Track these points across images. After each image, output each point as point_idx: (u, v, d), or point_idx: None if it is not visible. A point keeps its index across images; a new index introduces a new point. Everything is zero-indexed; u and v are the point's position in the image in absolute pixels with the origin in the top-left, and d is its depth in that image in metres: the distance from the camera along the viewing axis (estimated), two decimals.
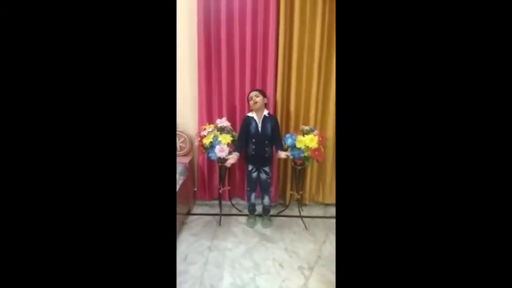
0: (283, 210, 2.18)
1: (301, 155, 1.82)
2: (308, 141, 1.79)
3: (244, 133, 1.86)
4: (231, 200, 2.23)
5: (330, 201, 2.25)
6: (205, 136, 1.85)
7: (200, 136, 1.89)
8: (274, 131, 1.85)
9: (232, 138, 1.87)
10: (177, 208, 1.75)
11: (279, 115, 2.04)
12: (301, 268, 1.57)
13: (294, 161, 1.93)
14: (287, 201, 2.21)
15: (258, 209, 2.07)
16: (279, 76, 1.98)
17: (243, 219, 2.06)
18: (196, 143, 1.97)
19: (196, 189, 2.25)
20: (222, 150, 1.79)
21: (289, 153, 1.82)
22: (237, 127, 1.98)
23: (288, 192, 2.19)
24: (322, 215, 2.16)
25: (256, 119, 1.84)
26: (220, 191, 2.05)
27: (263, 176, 1.93)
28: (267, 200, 1.99)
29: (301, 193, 2.10)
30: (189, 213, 2.12)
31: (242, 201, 2.27)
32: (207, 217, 2.09)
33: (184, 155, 2.14)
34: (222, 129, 1.88)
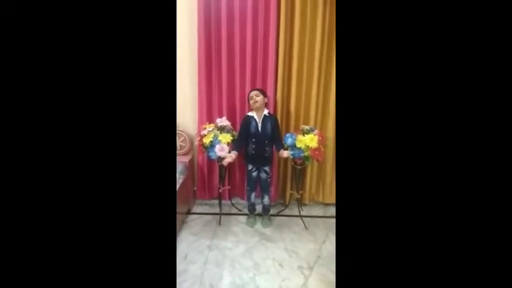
0: (283, 210, 2.18)
1: (301, 155, 1.82)
2: (308, 140, 1.79)
3: (244, 132, 1.86)
4: (231, 200, 2.23)
5: (330, 200, 2.26)
6: (205, 135, 1.85)
7: (200, 135, 1.89)
8: (274, 131, 1.85)
9: (233, 137, 1.87)
10: (177, 207, 1.75)
11: (279, 115, 2.04)
12: (300, 268, 1.58)
13: (294, 160, 1.93)
14: (287, 200, 2.21)
15: (258, 208, 2.07)
16: (279, 76, 1.98)
17: (243, 219, 2.06)
18: (196, 142, 1.97)
19: (196, 189, 2.25)
20: (222, 150, 1.79)
21: (290, 152, 1.81)
22: (237, 126, 1.98)
23: (288, 191, 2.19)
24: (322, 215, 2.16)
25: (256, 119, 1.84)
26: (220, 191, 2.05)
27: (263, 176, 1.93)
28: (266, 200, 1.99)
29: (301, 193, 2.10)
30: (189, 213, 2.12)
31: (242, 201, 2.27)
32: (207, 216, 2.09)
33: (184, 154, 2.14)
34: (222, 129, 1.88)
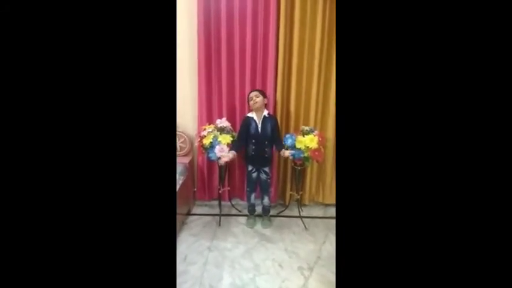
0: (283, 211, 2.18)
1: (301, 156, 1.82)
2: (308, 141, 1.79)
3: (244, 133, 1.86)
4: (231, 201, 2.23)
5: (330, 201, 2.26)
6: (205, 136, 1.85)
7: (200, 136, 1.89)
8: (274, 132, 1.85)
9: (232, 138, 1.87)
10: (177, 208, 1.75)
11: (279, 115, 2.04)
12: (300, 268, 1.57)
13: (293, 161, 1.93)
14: (287, 201, 2.21)
15: (258, 209, 2.07)
16: (279, 76, 1.98)
17: (243, 220, 2.06)
18: (196, 143, 1.97)
19: (195, 190, 2.25)
20: (222, 151, 1.79)
21: (292, 152, 1.80)
22: (237, 127, 1.98)
23: (288, 192, 2.19)
24: (322, 216, 2.16)
25: (256, 119, 1.84)
26: (220, 191, 2.05)
27: (263, 177, 1.93)
28: (266, 201, 1.99)
29: (301, 193, 2.10)
30: (188, 214, 2.12)
31: (242, 202, 2.27)
32: (207, 217, 2.09)
33: (184, 155, 2.14)
34: (222, 130, 1.89)
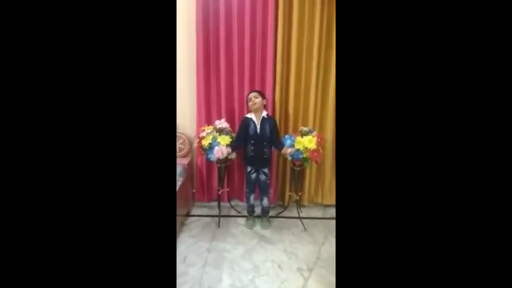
0: (282, 212, 2.18)
1: (300, 156, 1.82)
2: (307, 142, 1.79)
3: (242, 133, 1.86)
4: (230, 202, 2.22)
5: (329, 202, 2.26)
6: (204, 137, 1.85)
7: (199, 137, 1.89)
8: (273, 132, 1.85)
9: (231, 139, 1.87)
10: (176, 210, 1.74)
11: (277, 116, 2.05)
12: (300, 269, 1.57)
13: (292, 162, 1.93)
14: (286, 202, 2.21)
15: (257, 210, 2.07)
16: (277, 77, 1.98)
17: (242, 221, 2.06)
18: (195, 144, 1.97)
19: (195, 191, 2.24)
20: (220, 152, 1.79)
21: (292, 150, 1.79)
22: (236, 128, 1.97)
23: (287, 193, 2.19)
24: (321, 216, 2.16)
25: (255, 120, 1.84)
26: (219, 193, 2.05)
27: (262, 177, 1.93)
28: (266, 202, 1.99)
29: (300, 194, 2.10)
30: (188, 215, 2.12)
31: (241, 203, 2.26)
32: (206, 218, 2.08)
33: (183, 157, 2.14)
34: (221, 131, 1.88)
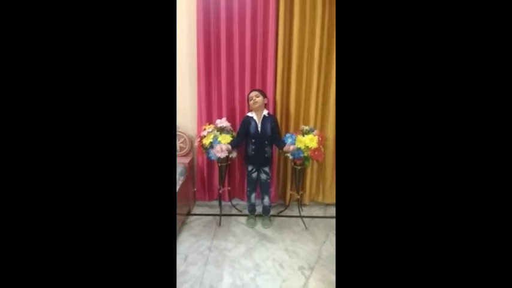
0: (283, 211, 2.18)
1: (301, 155, 1.82)
2: (308, 141, 1.79)
3: (243, 132, 1.86)
4: (231, 200, 2.23)
5: (330, 201, 2.26)
6: (205, 136, 1.85)
7: (200, 136, 1.89)
8: (274, 131, 1.85)
9: (232, 138, 1.87)
10: (177, 208, 1.75)
11: (278, 115, 2.04)
12: (301, 268, 1.57)
13: (293, 161, 1.93)
14: (287, 201, 2.21)
15: (258, 209, 2.07)
16: (278, 76, 1.98)
17: (243, 220, 2.06)
18: (196, 144, 1.97)
19: (195, 190, 2.25)
20: (220, 150, 1.79)
21: (292, 146, 1.79)
22: (237, 127, 1.97)
23: (288, 192, 2.19)
24: (322, 215, 2.16)
25: (255, 119, 1.84)
26: (220, 192, 2.05)
27: (263, 176, 1.93)
28: (267, 200, 1.99)
29: (301, 193, 2.10)
30: (189, 214, 2.12)
31: (242, 202, 2.27)
32: (207, 217, 2.09)
33: (184, 156, 2.14)
34: (221, 130, 1.88)
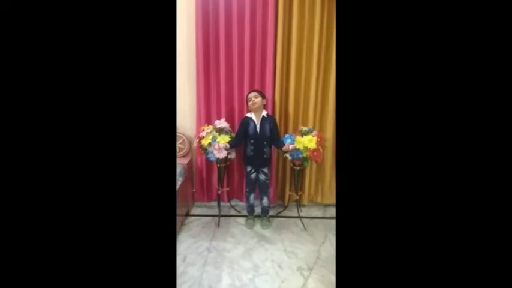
0: (282, 211, 2.18)
1: (300, 156, 1.82)
2: (307, 142, 1.79)
3: (242, 132, 1.86)
4: (230, 201, 2.22)
5: (329, 201, 2.26)
6: (204, 137, 1.85)
7: (199, 137, 1.89)
8: (272, 132, 1.86)
9: (231, 139, 1.87)
10: (176, 209, 1.74)
11: (277, 116, 2.05)
12: (300, 269, 1.57)
13: (292, 161, 1.93)
14: (286, 202, 2.21)
15: (257, 210, 2.07)
16: (277, 77, 1.98)
17: (242, 220, 2.06)
18: (195, 144, 1.97)
19: (194, 191, 2.24)
20: (218, 150, 1.80)
21: (291, 146, 1.80)
22: (236, 128, 1.98)
23: (287, 193, 2.19)
24: (321, 216, 2.16)
25: (254, 120, 1.84)
26: (219, 192, 2.05)
27: (262, 177, 1.93)
28: (266, 201, 1.99)
29: (300, 194, 2.10)
30: (188, 214, 2.12)
31: (241, 202, 2.27)
32: (206, 218, 2.09)
33: (183, 156, 2.14)
34: (220, 130, 1.89)
